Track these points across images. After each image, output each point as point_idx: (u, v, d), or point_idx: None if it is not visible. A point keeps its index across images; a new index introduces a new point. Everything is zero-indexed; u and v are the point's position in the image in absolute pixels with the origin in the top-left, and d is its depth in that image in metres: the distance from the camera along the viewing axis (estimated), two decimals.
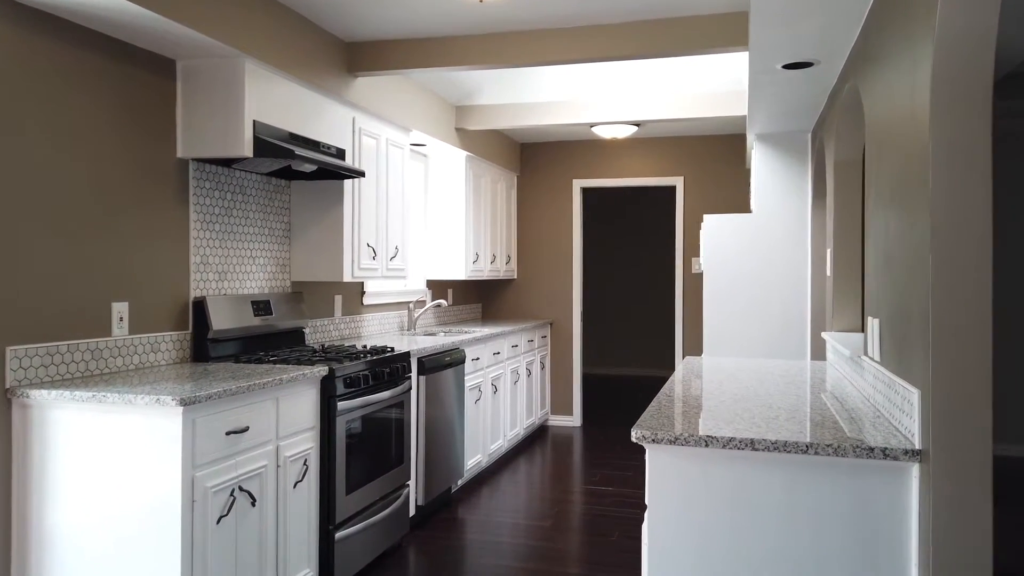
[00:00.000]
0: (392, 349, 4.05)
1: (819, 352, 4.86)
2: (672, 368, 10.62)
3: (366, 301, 5.12)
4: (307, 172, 3.99)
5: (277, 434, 3.04)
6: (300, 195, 4.27)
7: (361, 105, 4.36)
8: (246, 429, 2.82)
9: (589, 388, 9.69)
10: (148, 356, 3.25)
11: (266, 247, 4.06)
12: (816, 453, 1.98)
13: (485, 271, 6.46)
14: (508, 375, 5.93)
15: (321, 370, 3.30)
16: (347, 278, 4.20)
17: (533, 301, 7.28)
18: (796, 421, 2.27)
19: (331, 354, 3.74)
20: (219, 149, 3.39)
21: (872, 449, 1.95)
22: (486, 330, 5.67)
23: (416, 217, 6.06)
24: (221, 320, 3.53)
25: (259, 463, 2.92)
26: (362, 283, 5.10)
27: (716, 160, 6.85)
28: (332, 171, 3.92)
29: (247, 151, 3.38)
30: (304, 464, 3.22)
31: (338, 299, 4.78)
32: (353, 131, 4.29)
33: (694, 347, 6.88)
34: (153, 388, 2.67)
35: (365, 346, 4.10)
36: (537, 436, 6.75)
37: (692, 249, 6.90)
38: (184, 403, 2.51)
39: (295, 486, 3.15)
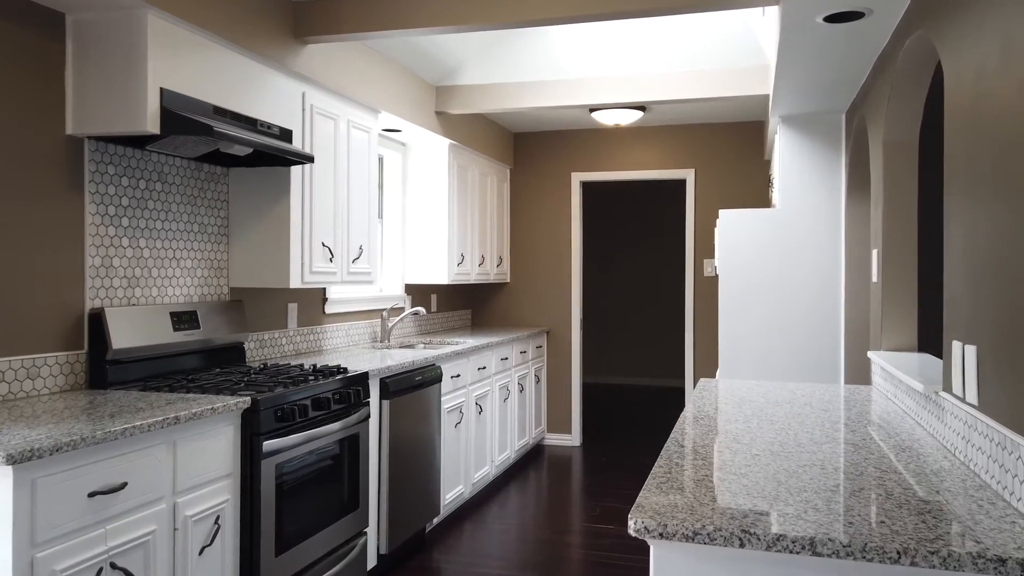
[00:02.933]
0: (345, 369, 3.36)
1: (857, 373, 4.15)
2: (681, 377, 9.91)
3: (329, 310, 4.43)
4: (244, 156, 3.31)
5: (173, 488, 2.36)
6: (240, 184, 3.58)
7: (313, 78, 3.67)
8: (123, 486, 2.13)
9: (590, 399, 8.99)
10: (21, 384, 2.57)
11: (195, 247, 3.38)
12: (913, 563, 1.28)
13: (472, 275, 5.77)
14: (496, 392, 5.24)
15: (241, 401, 2.61)
16: (294, 284, 3.52)
17: (528, 307, 6.59)
18: (865, 496, 1.57)
19: (266, 377, 3.05)
20: (116, 123, 2.71)
21: (1003, 561, 1.25)
22: (471, 341, 4.98)
23: (393, 213, 5.37)
24: (125, 337, 2.85)
25: (143, 529, 2.23)
26: (324, 289, 4.42)
27: (731, 150, 6.15)
28: (276, 156, 3.24)
29: (151, 126, 2.70)
30: (216, 523, 2.53)
31: (292, 308, 4.10)
32: (303, 109, 3.61)
33: (706, 357, 6.18)
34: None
35: (315, 366, 3.42)
36: (531, 458, 6.06)
37: (704, 249, 6.20)
38: (15, 460, 1.82)
39: (202, 552, 2.47)
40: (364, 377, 3.41)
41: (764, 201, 6.09)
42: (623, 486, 5.29)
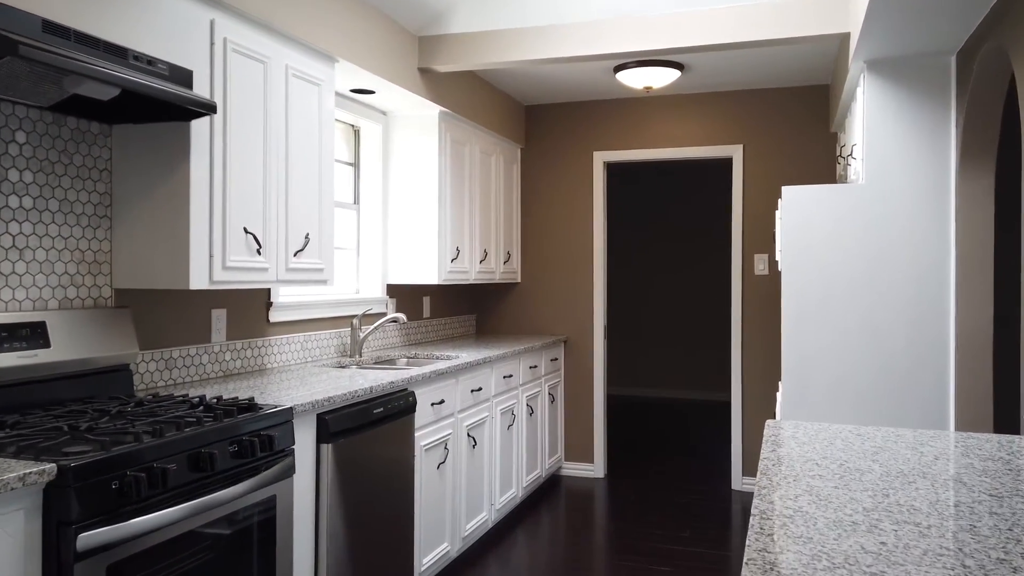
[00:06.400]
0: (255, 405, 2.37)
1: (974, 410, 3.06)
2: (726, 390, 8.79)
3: (276, 317, 3.46)
4: (126, 107, 2.35)
5: None
6: (127, 147, 2.62)
7: (230, 3, 2.69)
8: None
9: (616, 416, 7.92)
10: None
11: (54, 232, 2.42)
12: None
13: (472, 273, 4.76)
14: (497, 419, 4.22)
15: (36, 472, 1.63)
16: (197, 283, 2.54)
17: (542, 312, 5.56)
18: None
19: (138, 417, 2.07)
20: None
21: None
22: (463, 356, 3.98)
23: (372, 198, 4.39)
24: None
25: None
26: (268, 291, 3.45)
27: (788, 121, 5.07)
28: (173, 106, 2.29)
29: None
30: None
31: (218, 315, 3.12)
32: (211, 43, 2.63)
33: (757, 368, 5.10)
34: None
35: (219, 398, 2.43)
36: (545, 495, 5.03)
37: (755, 242, 5.13)
38: None
39: None
40: (286, 414, 2.41)
41: (829, 182, 4.99)
42: (657, 537, 4.24)
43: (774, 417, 5.05)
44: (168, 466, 1.91)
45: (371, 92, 3.93)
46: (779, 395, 3.78)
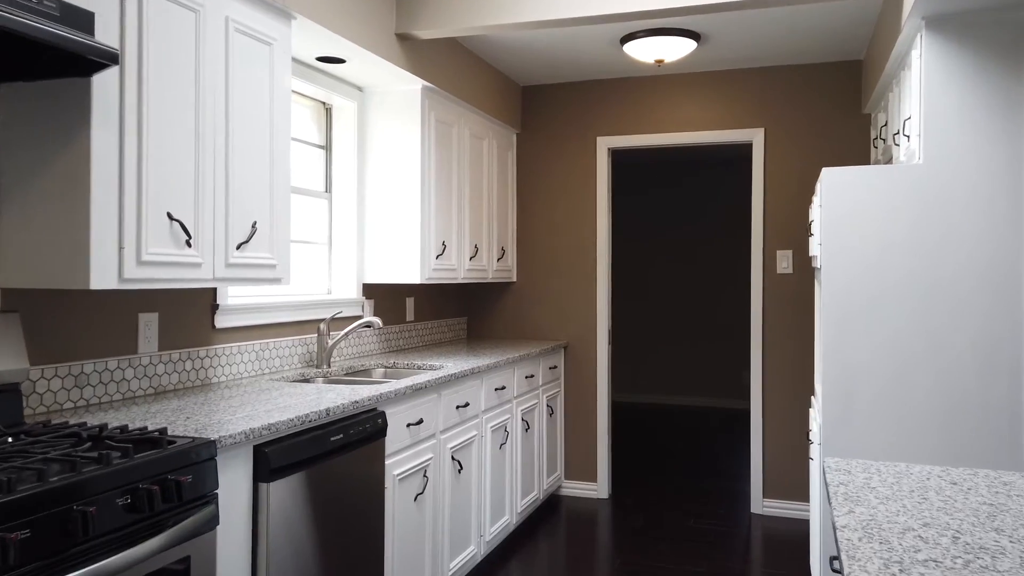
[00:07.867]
0: (166, 439, 1.84)
1: None
2: (743, 398, 8.26)
3: (222, 322, 2.93)
4: (5, 58, 1.83)
5: None
6: (18, 111, 2.09)
7: None
8: None
9: (621, 425, 7.39)
10: None
11: None
12: None
13: (460, 271, 4.23)
14: (488, 437, 3.70)
15: None
16: (101, 282, 2.01)
17: (540, 314, 5.04)
18: None
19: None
20: None
21: None
22: (449, 366, 3.45)
23: (347, 187, 3.86)
24: None
25: None
26: (214, 291, 2.92)
27: (815, 102, 4.53)
28: (61, 53, 1.77)
29: None
30: None
31: (147, 321, 2.60)
32: None
33: (780, 375, 4.57)
34: None
35: (123, 428, 1.91)
36: (543, 518, 4.50)
37: (777, 236, 4.59)
38: None
39: None
40: (206, 450, 1.88)
41: None
42: (669, 573, 3.71)
43: (806, 436, 4.52)
44: (12, 534, 1.38)
45: (341, 61, 3.40)
46: (814, 413, 3.26)
